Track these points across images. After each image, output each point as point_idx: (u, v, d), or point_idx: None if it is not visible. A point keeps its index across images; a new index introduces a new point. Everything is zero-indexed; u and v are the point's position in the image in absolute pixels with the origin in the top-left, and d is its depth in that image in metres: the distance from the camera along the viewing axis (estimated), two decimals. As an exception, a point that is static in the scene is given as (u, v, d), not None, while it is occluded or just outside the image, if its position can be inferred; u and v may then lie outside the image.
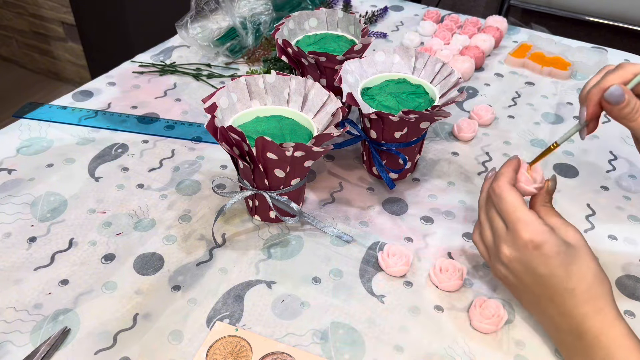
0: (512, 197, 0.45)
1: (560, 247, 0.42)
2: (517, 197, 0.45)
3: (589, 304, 0.41)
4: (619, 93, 0.43)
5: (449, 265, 0.51)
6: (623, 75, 0.44)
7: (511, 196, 0.45)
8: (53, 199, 0.58)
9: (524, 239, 0.43)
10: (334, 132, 0.49)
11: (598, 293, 0.42)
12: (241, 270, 0.52)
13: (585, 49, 0.91)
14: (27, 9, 1.96)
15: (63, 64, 2.10)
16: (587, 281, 0.42)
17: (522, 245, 0.43)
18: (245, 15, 0.88)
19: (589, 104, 0.45)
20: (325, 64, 0.63)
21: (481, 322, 0.47)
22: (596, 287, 0.42)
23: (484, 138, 0.72)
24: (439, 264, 0.51)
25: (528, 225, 0.43)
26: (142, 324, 0.46)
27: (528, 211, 0.44)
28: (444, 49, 0.87)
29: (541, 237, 0.43)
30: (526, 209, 0.44)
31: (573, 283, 0.42)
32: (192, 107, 0.74)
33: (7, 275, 0.50)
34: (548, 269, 0.42)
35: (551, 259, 0.42)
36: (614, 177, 0.66)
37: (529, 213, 0.44)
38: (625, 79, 0.44)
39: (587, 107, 0.45)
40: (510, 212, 0.44)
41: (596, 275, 0.42)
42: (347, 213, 0.59)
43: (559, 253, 0.42)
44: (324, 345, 0.46)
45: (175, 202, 0.59)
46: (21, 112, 0.70)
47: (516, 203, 0.44)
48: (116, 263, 0.52)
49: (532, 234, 0.43)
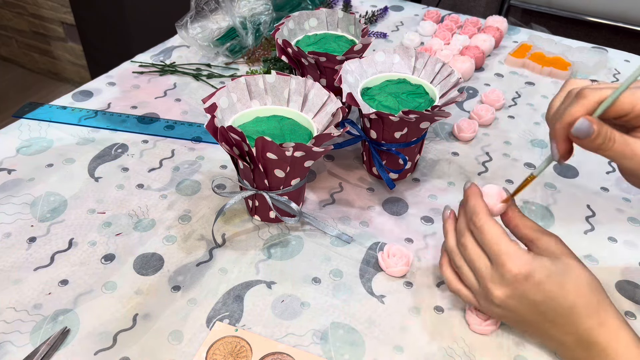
0: (494, 229, 0.44)
1: (549, 268, 0.42)
2: (497, 228, 0.44)
3: (592, 317, 0.41)
4: (586, 127, 0.39)
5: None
6: (586, 105, 0.40)
7: (493, 228, 0.44)
8: (53, 199, 0.58)
9: (512, 273, 0.42)
10: (334, 132, 0.49)
11: (596, 303, 0.41)
12: (241, 271, 0.52)
13: (585, 49, 0.91)
14: (27, 9, 1.96)
15: (63, 64, 2.10)
16: (584, 293, 0.41)
17: (513, 279, 0.42)
18: (245, 15, 0.88)
19: (558, 141, 0.42)
20: (325, 64, 0.63)
21: (480, 325, 0.47)
22: (593, 297, 0.42)
23: (484, 138, 0.72)
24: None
25: (512, 258, 0.42)
26: (142, 324, 0.46)
27: (509, 242, 0.43)
28: (444, 49, 0.87)
29: (528, 266, 0.42)
30: (508, 240, 0.43)
31: (571, 300, 0.41)
32: (192, 107, 0.74)
33: (7, 275, 0.50)
34: (543, 294, 0.42)
35: (544, 284, 0.41)
36: (613, 179, 0.66)
37: (510, 244, 0.43)
38: (589, 108, 0.40)
39: (557, 144, 0.42)
40: (493, 244, 0.43)
41: (590, 284, 0.42)
42: (347, 213, 0.59)
43: (550, 275, 0.42)
44: (323, 346, 0.46)
45: (175, 202, 0.59)
46: (21, 112, 0.70)
47: (498, 234, 0.43)
48: (116, 263, 0.52)
49: (519, 267, 0.42)
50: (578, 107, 0.40)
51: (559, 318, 0.42)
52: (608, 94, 0.39)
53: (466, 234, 0.46)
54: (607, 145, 0.40)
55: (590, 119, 0.39)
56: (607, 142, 0.40)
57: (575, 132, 0.40)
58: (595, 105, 0.40)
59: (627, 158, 0.40)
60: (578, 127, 0.39)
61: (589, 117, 0.39)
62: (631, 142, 0.40)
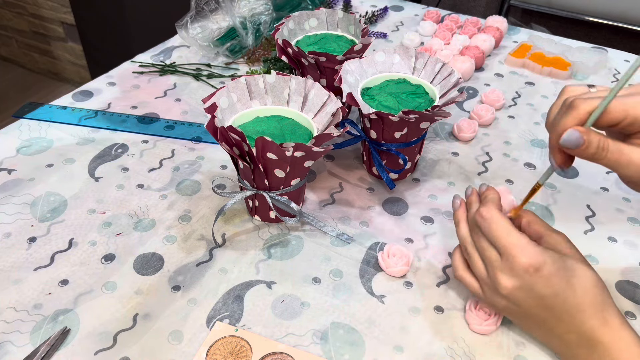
0: (503, 222, 0.44)
1: (558, 262, 0.42)
2: (507, 221, 0.44)
3: (596, 316, 0.41)
4: (575, 137, 0.40)
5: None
6: (577, 116, 0.40)
7: (502, 221, 0.44)
8: (53, 199, 0.58)
9: (523, 265, 0.42)
10: (334, 132, 0.49)
11: (601, 302, 0.42)
12: (241, 271, 0.52)
13: (585, 49, 0.91)
14: (27, 9, 1.96)
15: (63, 64, 2.10)
16: (590, 292, 0.42)
17: (523, 271, 0.42)
18: (245, 15, 0.88)
19: (553, 152, 0.43)
20: (325, 64, 0.63)
21: (480, 325, 0.47)
22: (598, 297, 0.42)
23: (484, 138, 0.72)
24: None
25: (524, 250, 0.42)
26: (142, 324, 0.46)
27: (520, 235, 0.43)
28: (444, 49, 0.87)
29: (539, 258, 0.42)
30: (517, 233, 0.44)
31: (578, 297, 0.41)
32: (192, 107, 0.74)
33: (7, 275, 0.50)
34: (552, 289, 0.42)
35: (553, 278, 0.42)
36: (613, 179, 0.66)
37: (520, 237, 0.43)
38: (580, 119, 0.40)
39: (553, 155, 0.43)
40: (502, 237, 0.43)
41: (596, 284, 0.42)
42: (347, 213, 0.59)
43: (559, 269, 0.42)
44: (323, 346, 0.46)
45: (175, 202, 0.59)
46: (21, 112, 0.70)
47: (508, 227, 0.44)
48: (116, 263, 0.52)
49: (530, 258, 0.42)
50: (569, 119, 0.40)
51: (565, 315, 0.42)
52: (598, 104, 0.39)
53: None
54: (601, 154, 0.40)
55: (581, 130, 0.40)
56: (601, 151, 0.40)
57: (563, 143, 0.40)
58: (586, 115, 0.40)
59: (622, 166, 0.40)
60: (566, 138, 0.40)
61: (579, 128, 0.40)
62: (626, 150, 0.40)
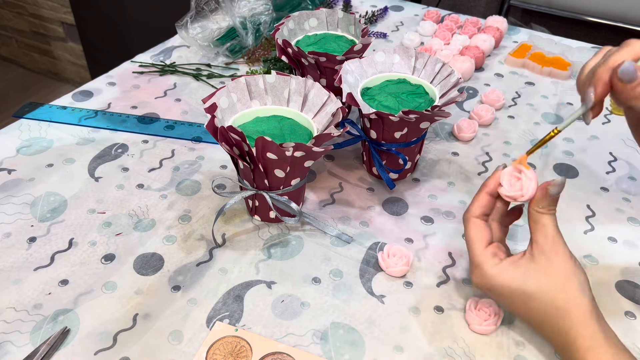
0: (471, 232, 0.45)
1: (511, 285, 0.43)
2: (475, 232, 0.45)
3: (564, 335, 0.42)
4: (632, 69, 0.39)
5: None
6: (632, 52, 0.40)
7: (472, 231, 0.45)
8: (53, 199, 0.58)
9: (475, 282, 0.45)
10: (334, 132, 0.49)
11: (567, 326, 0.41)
12: (241, 271, 0.52)
13: (585, 49, 0.91)
14: (27, 9, 1.96)
15: (63, 64, 2.10)
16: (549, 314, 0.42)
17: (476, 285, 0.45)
18: (245, 15, 0.88)
19: (597, 84, 0.41)
20: (325, 64, 0.63)
21: (480, 325, 0.47)
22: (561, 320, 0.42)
23: (484, 138, 0.72)
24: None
25: (476, 269, 0.44)
26: (142, 324, 0.46)
27: (482, 251, 0.44)
28: (444, 49, 0.87)
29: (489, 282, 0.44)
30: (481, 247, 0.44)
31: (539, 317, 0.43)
32: (192, 107, 0.74)
33: (7, 275, 0.50)
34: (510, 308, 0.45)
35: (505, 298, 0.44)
36: (613, 179, 0.66)
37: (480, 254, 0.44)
38: (635, 55, 0.40)
39: (595, 87, 0.41)
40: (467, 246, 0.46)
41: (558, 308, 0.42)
42: (347, 213, 0.59)
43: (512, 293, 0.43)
44: (323, 346, 0.46)
45: (175, 202, 0.59)
46: (21, 112, 0.70)
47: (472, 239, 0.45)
48: (116, 263, 0.52)
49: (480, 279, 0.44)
50: (624, 53, 0.40)
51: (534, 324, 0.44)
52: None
53: None
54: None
55: (636, 65, 0.39)
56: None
57: (621, 74, 0.39)
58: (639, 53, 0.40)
59: None
60: (624, 68, 0.39)
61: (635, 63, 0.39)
62: None
